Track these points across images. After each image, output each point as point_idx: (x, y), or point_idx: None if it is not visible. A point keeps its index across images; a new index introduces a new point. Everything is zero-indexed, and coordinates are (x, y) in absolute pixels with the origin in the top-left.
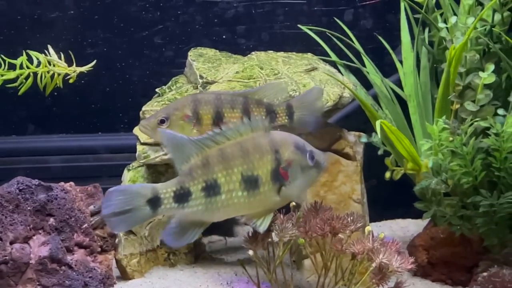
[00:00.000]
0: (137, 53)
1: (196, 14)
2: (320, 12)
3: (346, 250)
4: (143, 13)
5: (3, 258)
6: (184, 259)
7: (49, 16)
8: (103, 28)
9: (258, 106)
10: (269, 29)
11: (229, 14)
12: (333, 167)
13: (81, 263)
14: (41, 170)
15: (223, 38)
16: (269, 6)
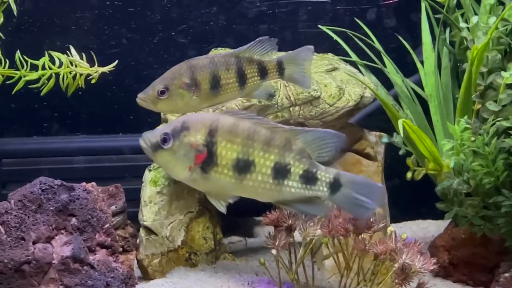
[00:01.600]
0: (160, 53)
1: (220, 14)
2: (342, 11)
3: (369, 250)
4: (167, 12)
5: (26, 258)
6: (205, 259)
7: (72, 16)
8: (126, 28)
9: (250, 64)
10: (290, 28)
11: (252, 14)
12: (354, 167)
13: (103, 263)
14: (64, 170)
15: (245, 38)
16: (292, 5)
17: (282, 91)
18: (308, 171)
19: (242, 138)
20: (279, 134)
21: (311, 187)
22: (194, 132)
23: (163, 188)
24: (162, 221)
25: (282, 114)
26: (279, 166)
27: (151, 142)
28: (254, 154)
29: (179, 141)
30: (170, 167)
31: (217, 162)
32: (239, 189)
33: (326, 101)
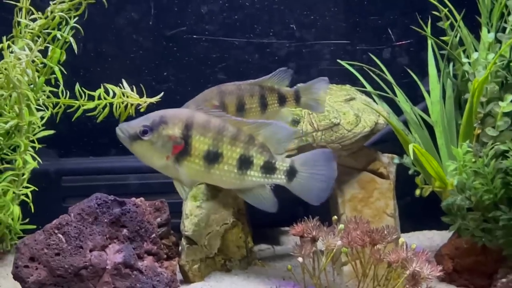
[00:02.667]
0: (201, 88)
1: (254, 53)
2: (361, 50)
3: (383, 259)
4: (207, 51)
5: (84, 264)
6: (238, 265)
7: (125, 55)
8: (172, 65)
9: (272, 92)
10: (315, 65)
11: (282, 52)
12: (369, 185)
13: (150, 269)
14: (116, 187)
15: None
16: (317, 46)
17: (306, 119)
18: (268, 162)
19: (213, 133)
20: (244, 131)
21: (270, 176)
22: (172, 125)
23: (202, 203)
24: (201, 232)
25: (306, 138)
26: (244, 158)
27: (130, 133)
28: (222, 147)
29: (158, 133)
30: (148, 156)
31: (191, 153)
32: (207, 177)
33: (345, 127)
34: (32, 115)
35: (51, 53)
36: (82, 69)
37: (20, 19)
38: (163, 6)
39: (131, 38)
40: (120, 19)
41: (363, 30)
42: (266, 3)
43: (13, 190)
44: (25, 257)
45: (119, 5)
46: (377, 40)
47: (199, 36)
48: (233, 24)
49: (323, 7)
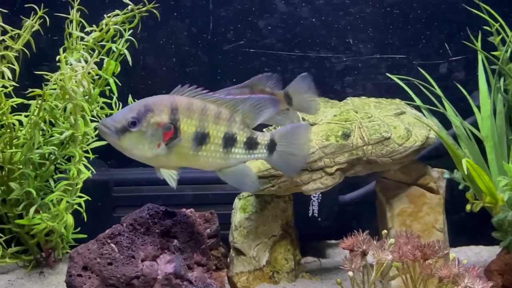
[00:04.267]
0: None
1: (311, 68)
2: (417, 64)
3: (434, 274)
4: (263, 66)
5: (136, 274)
6: (286, 277)
7: (180, 66)
8: (229, 78)
9: (262, 94)
10: (372, 79)
11: (339, 67)
12: (418, 199)
13: (200, 279)
14: (164, 197)
15: (332, 89)
16: (374, 60)
17: (356, 132)
18: (251, 138)
19: (198, 113)
20: (224, 108)
21: (253, 152)
22: (158, 112)
23: (251, 214)
24: (250, 243)
25: (356, 152)
26: (228, 136)
27: (116, 127)
28: (208, 127)
29: (147, 122)
30: (139, 148)
31: (180, 137)
32: (195, 160)
33: (396, 141)
34: (86, 126)
35: (106, 65)
36: (136, 81)
37: (72, 31)
38: (221, 20)
39: (188, 51)
40: (178, 32)
41: (418, 44)
42: (323, 18)
43: (66, 199)
44: (78, 266)
45: (178, 18)
46: (432, 54)
47: (257, 50)
48: (291, 38)
49: (379, 21)
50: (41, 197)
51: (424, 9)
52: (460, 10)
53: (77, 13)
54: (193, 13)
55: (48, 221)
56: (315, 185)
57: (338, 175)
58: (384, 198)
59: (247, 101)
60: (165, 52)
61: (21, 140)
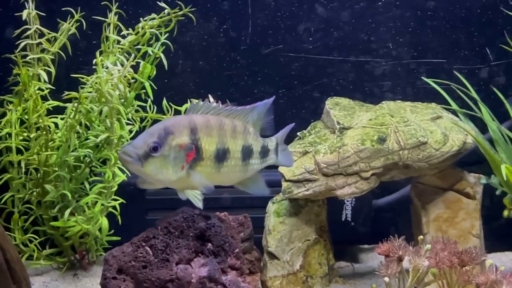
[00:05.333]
0: (296, 105)
1: (350, 72)
2: (456, 69)
3: (472, 280)
4: (302, 70)
5: (170, 277)
6: (320, 282)
7: (209, 70)
8: (267, 82)
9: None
10: (412, 83)
11: (378, 71)
12: (454, 205)
13: (234, 283)
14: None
15: (371, 92)
16: (413, 64)
17: (392, 136)
18: (264, 146)
19: (216, 130)
20: (237, 120)
21: (265, 159)
22: (179, 134)
23: (285, 219)
24: (284, 248)
25: (392, 156)
26: (245, 148)
27: (138, 153)
28: (227, 142)
29: (168, 146)
30: (164, 172)
31: (203, 156)
32: (218, 177)
33: (433, 146)
34: (122, 129)
35: (142, 69)
36: (169, 83)
37: (109, 34)
38: (260, 24)
39: (228, 55)
40: (216, 36)
41: (458, 48)
42: (363, 21)
43: (101, 202)
44: (113, 268)
45: (216, 22)
46: (472, 59)
47: (296, 54)
48: (330, 42)
49: (418, 25)
50: (76, 200)
51: (464, 13)
52: (501, 14)
53: (114, 16)
54: (232, 17)
55: (83, 223)
56: (350, 189)
57: (373, 179)
58: (419, 203)
59: (255, 109)
60: (203, 56)
61: (56, 142)
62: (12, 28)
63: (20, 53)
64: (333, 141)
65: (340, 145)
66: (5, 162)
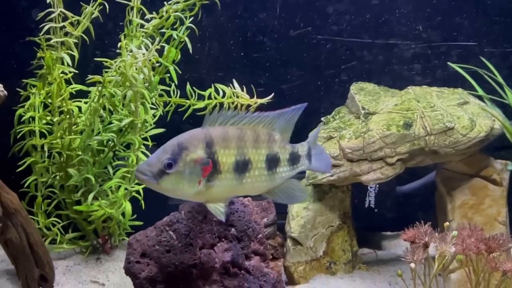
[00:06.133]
0: (323, 88)
1: (379, 54)
2: (487, 52)
3: (499, 267)
4: (331, 53)
5: (193, 262)
6: (343, 268)
7: (234, 55)
8: (295, 65)
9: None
10: (442, 67)
11: (407, 54)
12: (481, 192)
13: (257, 268)
14: None
15: (400, 75)
16: (443, 47)
17: (418, 122)
18: (293, 153)
19: (234, 142)
20: (262, 128)
21: (296, 166)
22: (193, 149)
23: (308, 204)
24: (307, 234)
25: (418, 142)
26: (271, 157)
27: (153, 171)
28: (248, 153)
29: (183, 162)
30: (180, 188)
31: (220, 170)
32: (240, 189)
33: (459, 131)
34: (146, 113)
35: (166, 53)
36: (193, 68)
37: (132, 18)
38: (289, 7)
39: (254, 38)
40: (245, 19)
41: (489, 31)
42: (392, 4)
43: (125, 186)
44: (136, 252)
45: (244, 5)
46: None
47: (324, 37)
48: (359, 25)
49: (448, 8)
50: (99, 184)
51: None
52: None
53: (137, 0)
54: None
55: (106, 207)
56: (375, 175)
57: (398, 165)
58: (444, 190)
59: (282, 115)
60: (231, 38)
61: (80, 126)
62: (36, 11)
63: (44, 36)
64: (358, 126)
65: (365, 131)
66: (28, 145)
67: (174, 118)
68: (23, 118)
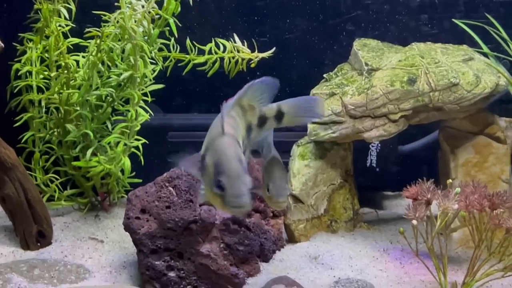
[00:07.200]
0: (327, 38)
1: (384, 4)
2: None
3: (502, 224)
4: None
5: (194, 218)
6: (344, 227)
7: (226, 8)
8: (281, 18)
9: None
10: (448, 19)
11: (413, 3)
12: (484, 149)
13: (257, 226)
14: None
15: (406, 26)
16: None
17: (423, 78)
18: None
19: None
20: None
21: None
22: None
23: (310, 161)
24: (308, 191)
25: (422, 98)
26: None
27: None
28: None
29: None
30: None
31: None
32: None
33: (464, 87)
34: (145, 67)
35: (166, 5)
36: (193, 22)
37: None
38: None
39: None
40: None
41: None
42: None
43: (124, 142)
44: (136, 208)
45: None
46: None
47: None
48: None
49: None
50: (98, 140)
51: None
52: None
53: None
54: None
55: (105, 163)
56: (378, 132)
57: (402, 122)
58: (448, 148)
59: (249, 90)
60: None
61: (78, 81)
62: None
63: None
64: (361, 83)
65: (368, 87)
66: (25, 101)
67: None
68: (20, 72)
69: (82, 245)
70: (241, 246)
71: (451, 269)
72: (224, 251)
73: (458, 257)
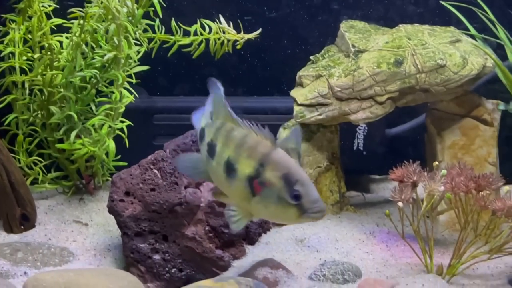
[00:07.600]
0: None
1: None
2: None
3: (488, 206)
4: None
5: (179, 200)
6: (331, 209)
7: None
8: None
9: None
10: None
11: None
12: (471, 132)
13: None
14: None
15: (389, 6)
16: None
17: (409, 59)
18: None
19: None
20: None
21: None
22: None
23: None
24: None
25: (409, 80)
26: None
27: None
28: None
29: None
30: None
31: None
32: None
33: (451, 69)
34: (130, 48)
35: None
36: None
37: None
38: None
39: None
40: None
41: None
42: None
43: (108, 124)
44: (120, 191)
45: None
46: None
47: None
48: None
49: None
50: (82, 122)
51: None
52: None
53: None
54: None
55: (89, 146)
56: (364, 114)
57: (388, 104)
58: (435, 131)
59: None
60: None
61: (61, 62)
62: None
63: None
64: (348, 65)
65: (355, 68)
66: (8, 82)
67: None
68: (3, 54)
69: (66, 228)
70: (227, 229)
71: (437, 252)
72: (210, 234)
73: (444, 239)
